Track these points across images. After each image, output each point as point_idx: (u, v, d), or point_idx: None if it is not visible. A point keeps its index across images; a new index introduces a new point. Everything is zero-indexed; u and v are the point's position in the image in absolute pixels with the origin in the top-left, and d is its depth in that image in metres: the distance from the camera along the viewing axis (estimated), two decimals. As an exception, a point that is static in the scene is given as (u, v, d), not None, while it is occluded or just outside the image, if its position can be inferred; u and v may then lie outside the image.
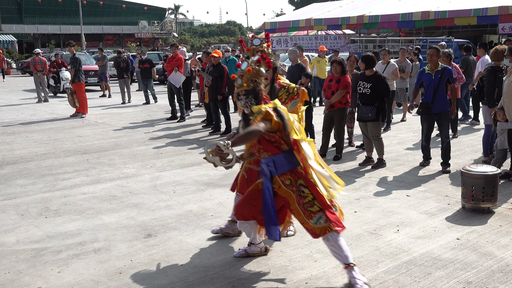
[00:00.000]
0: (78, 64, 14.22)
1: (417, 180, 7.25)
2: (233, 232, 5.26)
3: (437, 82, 7.45)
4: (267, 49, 4.68)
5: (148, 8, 61.85)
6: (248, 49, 4.65)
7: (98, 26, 58.57)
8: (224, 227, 5.31)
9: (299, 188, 4.12)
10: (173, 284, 4.21)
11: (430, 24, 23.67)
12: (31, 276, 4.42)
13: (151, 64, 17.29)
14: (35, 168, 8.34)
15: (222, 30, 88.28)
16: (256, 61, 4.18)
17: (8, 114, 15.31)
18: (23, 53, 47.87)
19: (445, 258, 4.61)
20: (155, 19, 64.29)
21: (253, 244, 4.70)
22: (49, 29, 55.74)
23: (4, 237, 5.33)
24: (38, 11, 53.67)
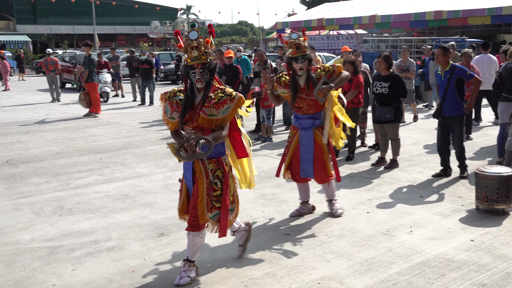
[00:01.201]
0: (93, 65, 14.32)
1: (430, 181, 7.20)
2: (308, 210, 5.91)
3: (446, 83, 7.10)
4: (303, 42, 5.40)
5: (160, 8, 62.09)
6: (286, 42, 5.50)
7: (111, 26, 58.88)
8: (300, 209, 5.88)
9: (214, 179, 4.19)
10: (186, 283, 4.23)
11: (443, 23, 23.47)
12: (45, 274, 4.46)
13: (150, 65, 17.35)
14: (50, 167, 8.42)
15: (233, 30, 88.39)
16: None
17: (23, 113, 15.46)
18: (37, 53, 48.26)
19: (459, 260, 4.57)
20: (167, 19, 64.52)
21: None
22: (63, 29, 56.15)
23: (19, 235, 5.38)
24: (51, 12, 54.07)
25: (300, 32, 5.53)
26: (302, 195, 5.92)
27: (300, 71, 5.43)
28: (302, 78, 5.49)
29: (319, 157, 5.59)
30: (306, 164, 5.61)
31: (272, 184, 7.17)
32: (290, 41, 5.41)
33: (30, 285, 4.26)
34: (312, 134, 5.57)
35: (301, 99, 5.54)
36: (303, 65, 5.39)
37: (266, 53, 11.80)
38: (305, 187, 5.88)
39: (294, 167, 5.73)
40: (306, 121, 5.58)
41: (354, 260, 4.61)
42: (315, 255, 4.74)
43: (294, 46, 5.39)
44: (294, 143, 5.70)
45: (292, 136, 5.74)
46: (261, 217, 5.83)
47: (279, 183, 7.21)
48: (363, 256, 4.70)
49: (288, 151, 5.76)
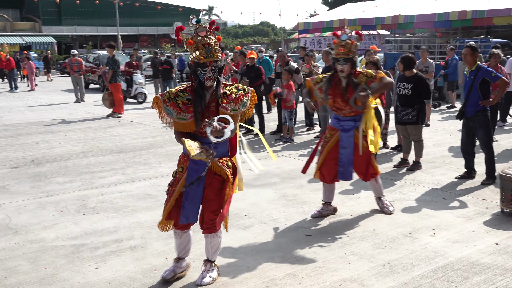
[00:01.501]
0: (117, 66, 14.47)
1: (454, 183, 7.10)
2: (330, 211, 5.89)
3: (470, 84, 6.92)
4: (350, 45, 5.38)
5: (183, 10, 62.37)
6: (334, 42, 5.53)
7: (134, 27, 59.39)
8: (321, 210, 5.87)
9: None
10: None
11: (467, 24, 23.13)
12: (69, 272, 4.51)
13: (170, 66, 17.49)
14: (74, 166, 8.53)
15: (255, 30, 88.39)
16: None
17: (48, 113, 15.71)
18: (61, 54, 48.96)
19: (483, 263, 4.50)
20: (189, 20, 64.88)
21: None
22: (87, 30, 56.85)
23: (44, 233, 5.47)
24: (76, 13, 54.75)
25: (352, 34, 5.48)
26: (326, 196, 5.90)
27: (341, 73, 5.42)
28: (344, 80, 5.48)
29: (361, 157, 5.57)
30: (345, 167, 5.62)
31: (294, 185, 7.16)
32: (338, 42, 5.43)
33: (55, 282, 4.33)
34: (352, 135, 5.57)
35: (342, 101, 5.52)
36: (344, 67, 5.36)
37: (288, 54, 11.78)
38: (331, 188, 5.87)
39: (325, 167, 5.72)
40: (348, 123, 5.58)
41: (376, 262, 4.58)
42: (337, 256, 4.72)
43: (340, 47, 5.39)
44: (330, 144, 5.69)
45: (330, 137, 5.72)
46: (282, 217, 5.83)
47: (301, 184, 7.20)
48: (385, 258, 4.66)
49: (322, 150, 5.74)
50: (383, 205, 5.92)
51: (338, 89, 5.52)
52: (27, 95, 22.06)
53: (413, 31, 28.89)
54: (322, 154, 5.74)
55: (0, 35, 48.88)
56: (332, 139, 5.69)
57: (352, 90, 5.41)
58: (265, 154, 9.25)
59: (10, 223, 5.80)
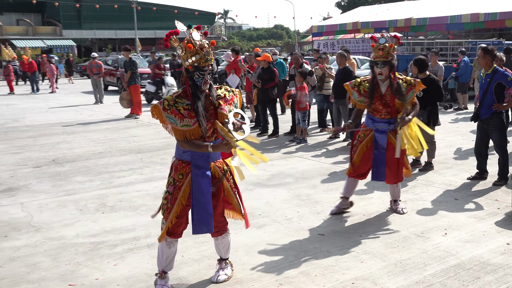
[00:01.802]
0: (135, 67, 14.57)
1: (466, 183, 7.04)
2: (347, 206, 5.92)
3: (485, 86, 6.82)
4: (389, 48, 5.36)
5: (199, 13, 62.65)
6: (373, 45, 5.48)
7: (151, 31, 59.70)
8: (339, 204, 5.90)
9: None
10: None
11: (480, 26, 22.94)
12: (89, 268, 4.56)
13: None
14: (93, 166, 8.60)
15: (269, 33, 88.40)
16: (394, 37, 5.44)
17: (68, 114, 15.86)
18: (81, 57, 49.38)
19: (495, 263, 4.46)
20: (205, 23, 64.95)
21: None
22: (106, 34, 57.25)
23: (64, 231, 5.53)
24: (95, 17, 55.20)
25: (392, 38, 5.48)
26: (347, 191, 5.91)
27: (380, 76, 5.43)
28: (384, 84, 5.49)
29: (393, 159, 5.58)
30: (379, 167, 5.62)
31: (307, 185, 7.15)
32: (376, 45, 5.40)
33: (75, 278, 4.37)
34: (386, 137, 5.57)
35: (380, 104, 5.53)
36: (382, 70, 5.38)
37: (302, 56, 11.76)
38: (354, 183, 5.90)
39: (366, 168, 5.75)
40: (382, 124, 5.58)
41: (388, 261, 4.56)
42: (349, 255, 4.71)
43: (378, 51, 5.38)
44: (364, 143, 5.69)
45: (364, 136, 5.72)
46: (295, 217, 5.83)
47: (314, 184, 7.19)
48: (397, 257, 4.64)
49: (356, 149, 5.75)
50: (397, 207, 5.90)
51: (376, 92, 5.53)
52: (48, 97, 22.30)
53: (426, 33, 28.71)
54: (356, 153, 5.74)
55: (23, 39, 49.47)
56: (366, 139, 5.70)
57: (393, 94, 5.44)
58: (279, 154, 9.27)
59: (32, 221, 5.87)
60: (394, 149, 5.57)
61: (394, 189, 5.89)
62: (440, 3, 27.12)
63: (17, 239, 5.31)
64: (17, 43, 47.11)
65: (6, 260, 4.77)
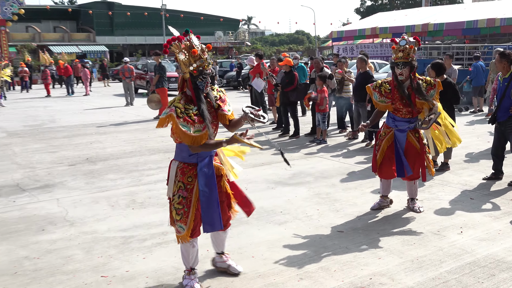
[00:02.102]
0: (164, 72, 14.70)
1: (481, 184, 6.92)
2: (387, 203, 5.94)
3: (503, 90, 6.71)
4: (409, 49, 5.33)
5: (224, 20, 62.86)
6: (393, 48, 5.44)
7: (179, 36, 60.22)
8: (380, 201, 5.92)
9: None
10: (245, 274, 4.27)
11: (496, 31, 22.54)
12: (120, 261, 4.61)
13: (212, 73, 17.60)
14: (123, 164, 8.70)
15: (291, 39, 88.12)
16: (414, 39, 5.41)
17: (100, 116, 16.07)
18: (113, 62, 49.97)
19: (510, 261, 4.38)
20: (229, 29, 65.19)
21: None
22: (136, 40, 57.84)
23: (97, 225, 5.60)
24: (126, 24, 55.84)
25: (411, 39, 5.45)
26: (384, 189, 5.91)
27: (400, 76, 5.42)
28: (405, 84, 5.47)
29: (410, 157, 5.57)
30: (400, 164, 5.60)
31: (326, 184, 7.12)
32: (397, 47, 5.39)
33: (106, 270, 4.43)
34: (405, 135, 5.57)
35: (401, 103, 5.52)
36: (403, 71, 5.37)
37: (322, 61, 11.70)
38: (388, 182, 5.88)
39: (383, 165, 5.73)
40: (403, 123, 5.57)
41: (405, 257, 4.51)
42: (367, 251, 4.67)
43: (399, 52, 5.37)
44: (385, 142, 5.68)
45: (384, 135, 5.72)
46: (315, 214, 5.81)
47: (333, 183, 7.15)
48: (414, 254, 4.59)
49: (379, 148, 5.74)
50: (414, 206, 5.84)
51: (397, 92, 5.51)
52: (82, 100, 22.63)
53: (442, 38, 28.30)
54: (379, 152, 5.74)
55: (59, 45, 50.32)
56: (387, 137, 5.69)
57: (412, 92, 5.44)
58: (300, 154, 9.25)
59: (67, 216, 5.97)
60: (413, 147, 5.57)
61: (411, 187, 5.84)
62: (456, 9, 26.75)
63: (53, 232, 5.41)
64: (54, 48, 47.93)
65: (43, 252, 4.86)
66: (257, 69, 13.26)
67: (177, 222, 3.95)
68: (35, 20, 52.28)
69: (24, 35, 50.39)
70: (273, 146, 3.83)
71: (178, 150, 4.01)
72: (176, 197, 3.94)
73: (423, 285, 3.99)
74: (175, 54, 3.78)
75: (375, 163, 5.79)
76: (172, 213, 3.98)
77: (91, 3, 56.11)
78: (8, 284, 4.20)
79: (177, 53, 3.76)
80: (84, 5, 56.47)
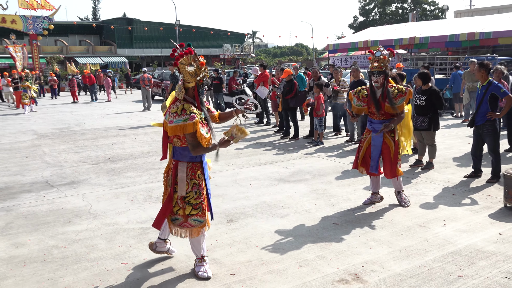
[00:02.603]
0: (177, 80, 14.72)
1: (462, 181, 6.90)
2: (378, 199, 5.90)
3: (481, 96, 6.69)
4: (383, 60, 5.37)
5: (231, 34, 62.87)
6: (369, 58, 5.47)
7: (191, 49, 60.28)
8: (371, 198, 5.88)
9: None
10: (250, 261, 4.27)
11: (476, 43, 22.47)
12: (138, 250, 4.62)
13: (220, 81, 17.62)
14: (141, 163, 8.71)
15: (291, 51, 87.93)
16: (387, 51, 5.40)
17: (121, 120, 16.10)
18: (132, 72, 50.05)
19: (488, 250, 4.36)
20: (236, 42, 65.20)
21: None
22: (153, 52, 57.94)
23: (118, 218, 5.61)
24: (144, 38, 55.97)
25: (386, 52, 5.45)
26: (374, 186, 5.89)
27: (375, 84, 5.43)
28: (379, 90, 5.50)
29: (387, 156, 5.56)
30: (374, 161, 5.60)
31: (323, 181, 7.11)
32: (373, 58, 5.42)
33: (126, 258, 4.44)
34: (381, 136, 5.55)
35: (374, 107, 5.53)
36: (378, 79, 5.39)
37: (319, 71, 11.70)
38: (376, 180, 5.86)
39: (364, 163, 5.73)
40: (378, 125, 5.56)
41: (394, 247, 4.50)
42: (360, 242, 4.67)
43: (375, 62, 5.39)
44: (366, 143, 5.69)
45: (365, 137, 5.74)
46: (313, 208, 5.80)
47: (329, 180, 7.14)
48: (402, 244, 4.57)
49: (360, 149, 5.75)
50: (401, 199, 5.81)
51: (371, 96, 5.53)
52: (105, 105, 22.68)
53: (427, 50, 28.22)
54: (360, 152, 5.75)
55: (84, 56, 50.47)
56: (367, 139, 5.70)
57: (385, 97, 5.43)
58: (299, 155, 9.24)
59: (91, 209, 5.98)
60: (388, 148, 5.56)
61: (395, 182, 5.82)
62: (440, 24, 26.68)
63: (79, 224, 5.42)
64: (80, 60, 48.09)
65: (69, 242, 4.87)
66: (262, 78, 13.26)
67: (192, 216, 3.90)
68: (63, 34, 52.50)
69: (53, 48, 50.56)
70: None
71: (185, 152, 3.92)
72: (193, 193, 3.90)
73: (410, 272, 3.98)
74: (181, 65, 3.76)
75: (356, 161, 5.81)
76: (185, 210, 3.90)
77: (113, 19, 56.31)
78: (39, 270, 4.22)
79: (187, 65, 3.75)
80: (106, 21, 56.63)
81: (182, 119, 3.68)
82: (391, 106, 5.41)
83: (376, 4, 65.01)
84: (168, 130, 3.78)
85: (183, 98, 3.82)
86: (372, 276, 3.92)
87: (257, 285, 3.83)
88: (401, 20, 56.98)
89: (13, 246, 4.78)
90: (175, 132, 3.73)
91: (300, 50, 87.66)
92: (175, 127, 3.71)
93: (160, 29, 54.23)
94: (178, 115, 3.70)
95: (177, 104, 3.77)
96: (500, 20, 23.50)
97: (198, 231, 3.96)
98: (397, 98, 5.45)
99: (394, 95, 5.44)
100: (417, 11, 56.97)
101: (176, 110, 3.73)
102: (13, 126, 14.88)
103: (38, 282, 3.99)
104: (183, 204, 3.92)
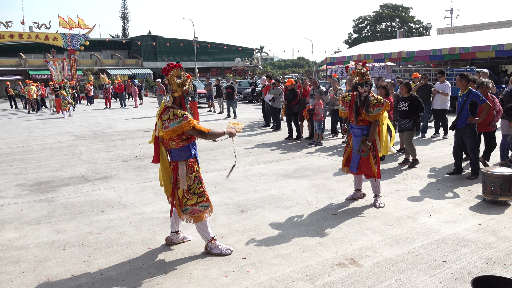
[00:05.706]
0: (194, 89, 14.74)
1: (446, 177, 6.81)
2: (360, 196, 5.74)
3: (462, 103, 6.61)
4: (366, 72, 5.29)
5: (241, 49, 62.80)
6: (353, 72, 5.32)
7: (206, 62, 60.26)
8: (354, 194, 5.74)
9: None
10: (259, 247, 4.24)
11: (456, 57, 22.27)
12: (162, 236, 4.61)
13: (232, 90, 17.60)
14: (164, 161, 8.69)
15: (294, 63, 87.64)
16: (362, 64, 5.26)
17: (146, 123, 16.14)
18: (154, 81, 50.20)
19: (469, 239, 4.30)
20: (246, 56, 65.15)
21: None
22: (174, 64, 58.12)
23: (144, 208, 5.61)
24: (167, 52, 56.10)
25: (357, 65, 5.36)
26: (356, 184, 5.79)
27: (365, 93, 5.33)
28: (362, 98, 5.38)
29: (365, 159, 5.42)
30: (354, 162, 5.51)
31: (323, 177, 7.06)
32: (357, 71, 5.31)
33: (152, 243, 4.43)
34: (360, 140, 5.43)
35: (355, 113, 5.43)
36: (366, 89, 5.31)
37: (318, 80, 11.63)
38: (359, 178, 5.75)
39: (348, 163, 5.64)
40: (357, 130, 5.46)
41: (385, 235, 4.45)
42: (355, 230, 4.62)
43: (360, 75, 5.29)
44: (349, 148, 5.60)
45: (348, 141, 5.65)
46: (314, 201, 5.76)
47: (328, 176, 7.09)
48: (392, 232, 4.52)
49: (345, 151, 5.67)
50: (376, 201, 5.48)
51: (353, 103, 5.44)
52: (132, 111, 22.76)
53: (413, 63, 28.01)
54: (345, 154, 5.66)
55: (115, 68, 50.73)
56: (350, 143, 5.60)
57: (366, 106, 5.31)
58: (301, 154, 9.19)
59: (121, 200, 5.99)
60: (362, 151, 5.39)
61: (373, 184, 5.55)
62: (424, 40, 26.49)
63: (110, 213, 5.43)
64: (111, 71, 48.34)
65: (103, 229, 4.88)
66: (268, 87, 13.23)
67: (200, 203, 3.97)
68: (97, 49, 52.85)
69: (88, 61, 50.90)
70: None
71: (181, 153, 3.95)
72: (196, 184, 3.98)
73: (400, 257, 3.93)
74: (169, 76, 3.87)
75: (342, 162, 5.71)
76: (192, 200, 3.95)
77: (140, 36, 56.60)
78: (76, 253, 4.22)
79: (175, 76, 3.87)
80: (134, 38, 56.94)
81: (177, 121, 3.77)
82: (366, 113, 5.25)
83: (368, 23, 64.88)
84: (165, 134, 3.84)
85: (171, 106, 3.90)
86: (366, 261, 3.87)
87: (266, 268, 3.80)
88: (390, 36, 56.66)
89: (55, 232, 4.80)
90: (173, 134, 3.81)
91: (302, 63, 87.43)
92: (172, 130, 3.80)
93: (181, 45, 54.37)
94: (171, 120, 3.80)
95: (167, 112, 3.85)
96: (478, 36, 23.28)
97: (206, 213, 4.03)
98: (374, 107, 5.27)
99: (372, 104, 5.28)
100: (404, 29, 56.62)
101: (168, 116, 3.82)
102: (54, 129, 14.99)
103: (76, 264, 3.99)
104: (189, 195, 3.98)
